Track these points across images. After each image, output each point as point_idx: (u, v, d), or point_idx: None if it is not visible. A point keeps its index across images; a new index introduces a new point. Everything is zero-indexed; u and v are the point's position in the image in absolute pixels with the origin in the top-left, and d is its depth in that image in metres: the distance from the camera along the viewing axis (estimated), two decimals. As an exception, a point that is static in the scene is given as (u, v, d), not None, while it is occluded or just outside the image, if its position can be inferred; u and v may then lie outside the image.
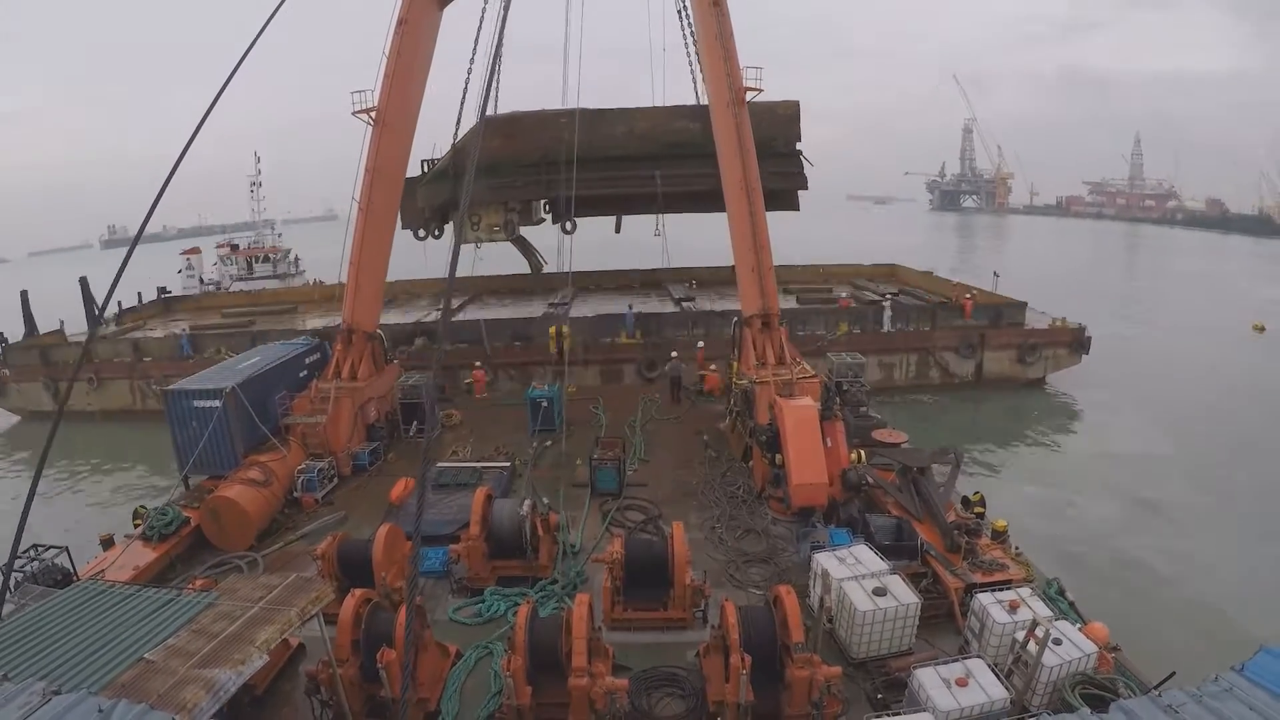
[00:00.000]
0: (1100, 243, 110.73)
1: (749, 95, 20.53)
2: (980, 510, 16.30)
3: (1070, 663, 10.55)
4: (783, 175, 31.11)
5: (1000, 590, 12.41)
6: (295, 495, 19.35)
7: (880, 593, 12.36)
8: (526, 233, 37.48)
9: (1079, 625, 11.81)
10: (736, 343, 22.39)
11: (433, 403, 23.63)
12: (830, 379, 21.43)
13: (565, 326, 30.28)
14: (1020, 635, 11.00)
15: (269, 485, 18.13)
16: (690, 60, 32.37)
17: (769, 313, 20.65)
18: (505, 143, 30.02)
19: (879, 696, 11.41)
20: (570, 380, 27.40)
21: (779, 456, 17.35)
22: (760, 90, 20.87)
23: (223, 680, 8.64)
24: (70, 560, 14.65)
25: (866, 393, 24.35)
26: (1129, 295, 62.16)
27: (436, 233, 32.88)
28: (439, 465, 20.74)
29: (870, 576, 12.81)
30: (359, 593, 11.64)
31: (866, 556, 13.46)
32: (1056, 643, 10.66)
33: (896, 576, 12.91)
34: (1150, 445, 27.90)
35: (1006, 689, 10.24)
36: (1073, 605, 13.04)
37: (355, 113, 21.32)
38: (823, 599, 12.49)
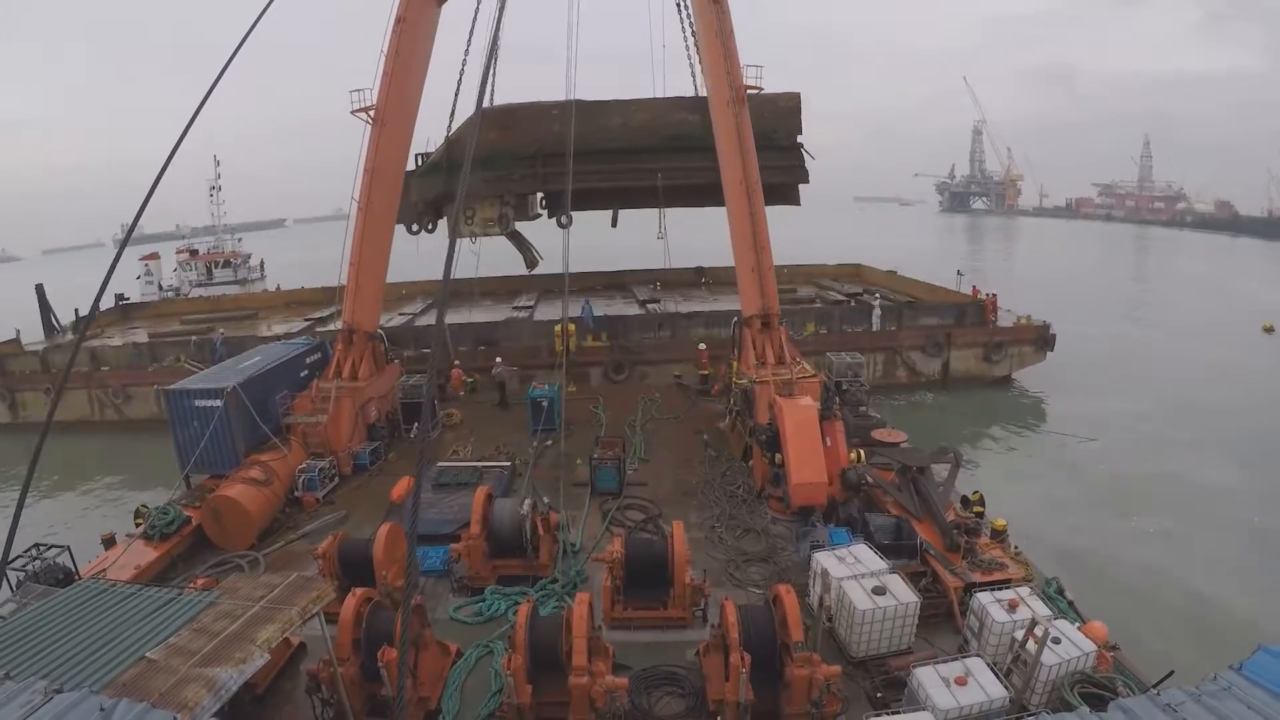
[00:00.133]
0: (1110, 245, 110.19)
1: (749, 74, 20.37)
2: (979, 510, 16.34)
3: (1069, 662, 10.56)
4: (783, 169, 30.53)
5: (999, 589, 12.44)
6: (296, 494, 19.39)
7: (880, 592, 12.38)
8: (523, 229, 37.17)
9: (1078, 624, 11.84)
10: (736, 342, 22.41)
11: (430, 404, 23.46)
12: (830, 379, 21.44)
13: (571, 325, 30.05)
14: (1019, 634, 11.01)
15: (270, 484, 18.17)
16: (690, 53, 31.48)
17: (769, 313, 20.66)
18: (500, 135, 29.52)
19: (878, 695, 11.43)
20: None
21: (779, 456, 17.39)
22: (760, 89, 20.84)
23: (224, 679, 8.66)
24: (72, 559, 14.69)
25: (866, 392, 24.37)
26: (1136, 298, 61.80)
27: (430, 227, 32.16)
28: (439, 465, 20.78)
29: (870, 576, 12.83)
30: (360, 592, 11.67)
31: (866, 556, 13.48)
32: (1055, 642, 10.67)
33: (896, 576, 12.93)
34: (1146, 445, 27.86)
35: (1006, 688, 10.26)
36: (1072, 604, 13.06)
37: (354, 111, 21.29)
38: (822, 598, 12.52)
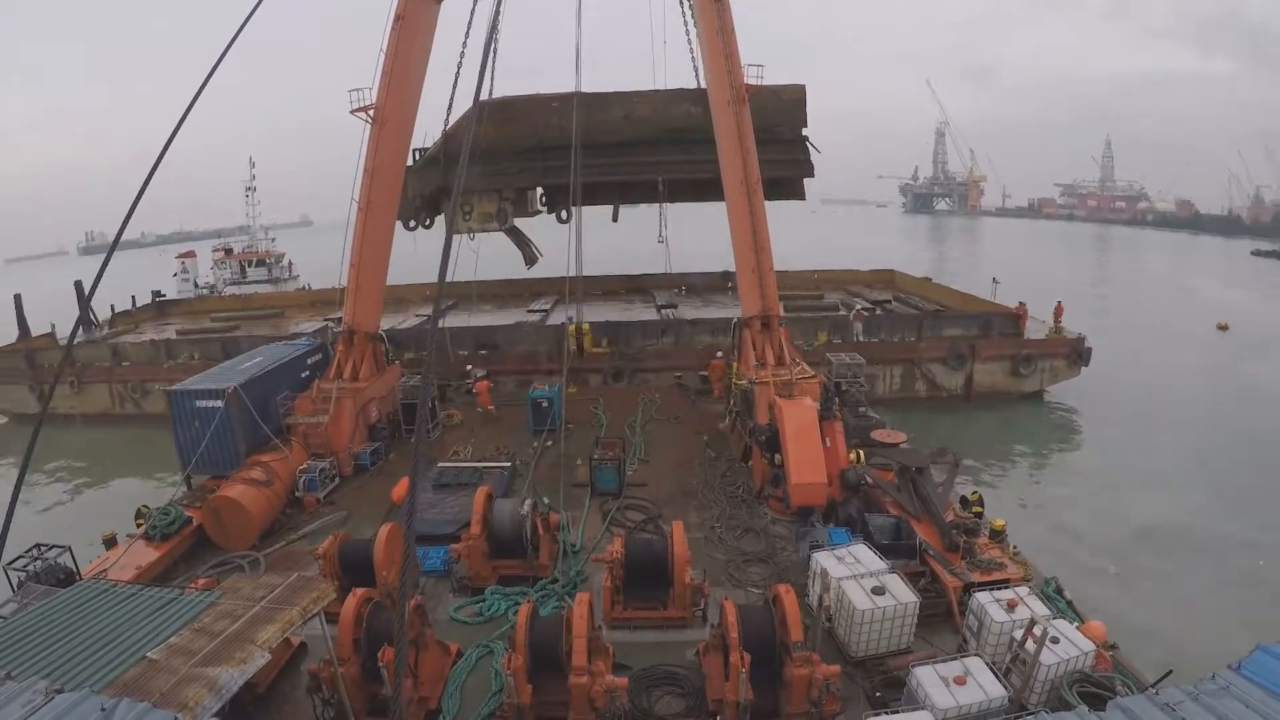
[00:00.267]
0: (1071, 244, 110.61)
1: (750, 72, 20.24)
2: (978, 510, 16.36)
3: (1068, 661, 10.59)
4: (788, 163, 29.97)
5: (998, 589, 12.46)
6: (297, 495, 19.42)
7: (879, 592, 12.40)
8: (525, 227, 36.81)
9: (1077, 624, 11.87)
10: (736, 344, 22.43)
11: (426, 406, 23.15)
12: (830, 379, 21.46)
13: (585, 325, 29.86)
14: (1018, 634, 11.02)
15: (271, 485, 18.19)
16: (691, 45, 30.82)
17: (769, 314, 20.68)
18: (499, 128, 28.76)
19: (878, 695, 11.45)
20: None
21: (778, 456, 17.42)
22: (762, 66, 20.53)
23: (225, 679, 8.69)
24: (73, 559, 14.71)
25: (866, 394, 24.38)
26: (1098, 298, 61.42)
27: (427, 223, 31.51)
28: (440, 465, 20.81)
29: (869, 575, 12.86)
30: (360, 592, 11.69)
31: (865, 556, 13.50)
32: (1054, 641, 10.68)
33: (895, 575, 12.96)
34: (1143, 446, 27.93)
35: (1005, 687, 10.28)
36: (1070, 604, 13.08)
37: (354, 111, 21.28)
38: (822, 598, 12.53)
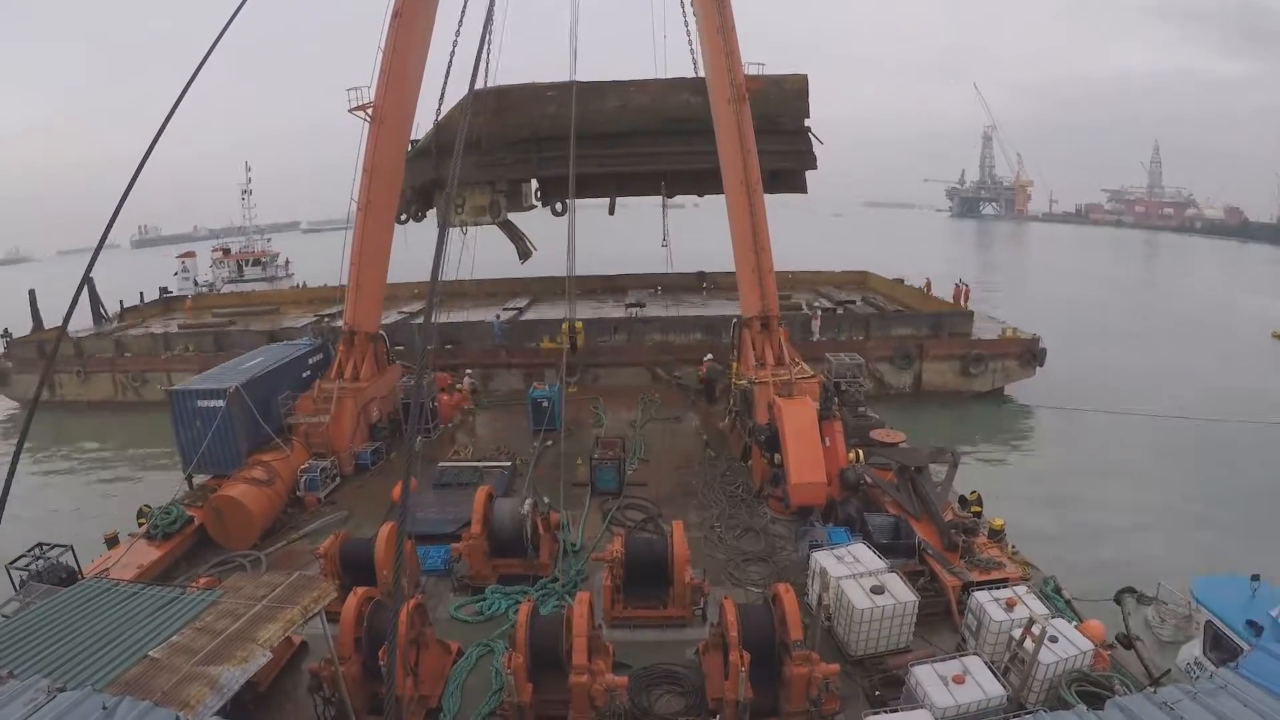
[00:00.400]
0: (1120, 251, 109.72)
1: (750, 70, 20.06)
2: (977, 509, 16.39)
3: (1066, 660, 10.61)
4: (790, 154, 29.89)
5: (997, 588, 12.50)
6: (298, 494, 19.45)
7: (878, 591, 12.43)
8: (514, 221, 36.49)
9: (1075, 623, 11.89)
10: (736, 343, 22.44)
11: (420, 406, 22.66)
12: (829, 379, 21.48)
13: (578, 322, 29.76)
14: (1017, 633, 11.06)
15: (272, 484, 18.23)
16: (690, 37, 29.99)
17: (768, 314, 20.68)
18: (493, 118, 28.45)
19: (877, 694, 11.48)
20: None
21: (778, 456, 17.45)
22: (762, 64, 20.45)
23: (226, 678, 8.72)
24: (75, 558, 14.74)
25: (865, 393, 24.39)
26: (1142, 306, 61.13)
27: (419, 215, 31.53)
28: (440, 464, 20.84)
29: (868, 575, 12.89)
30: (361, 591, 11.73)
31: (864, 555, 13.53)
32: (1053, 640, 10.71)
33: (894, 575, 12.99)
34: (1141, 447, 27.97)
35: (1003, 686, 10.32)
36: (1069, 603, 13.13)
37: (352, 110, 21.24)
38: (821, 597, 12.58)
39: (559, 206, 27.84)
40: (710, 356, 28.05)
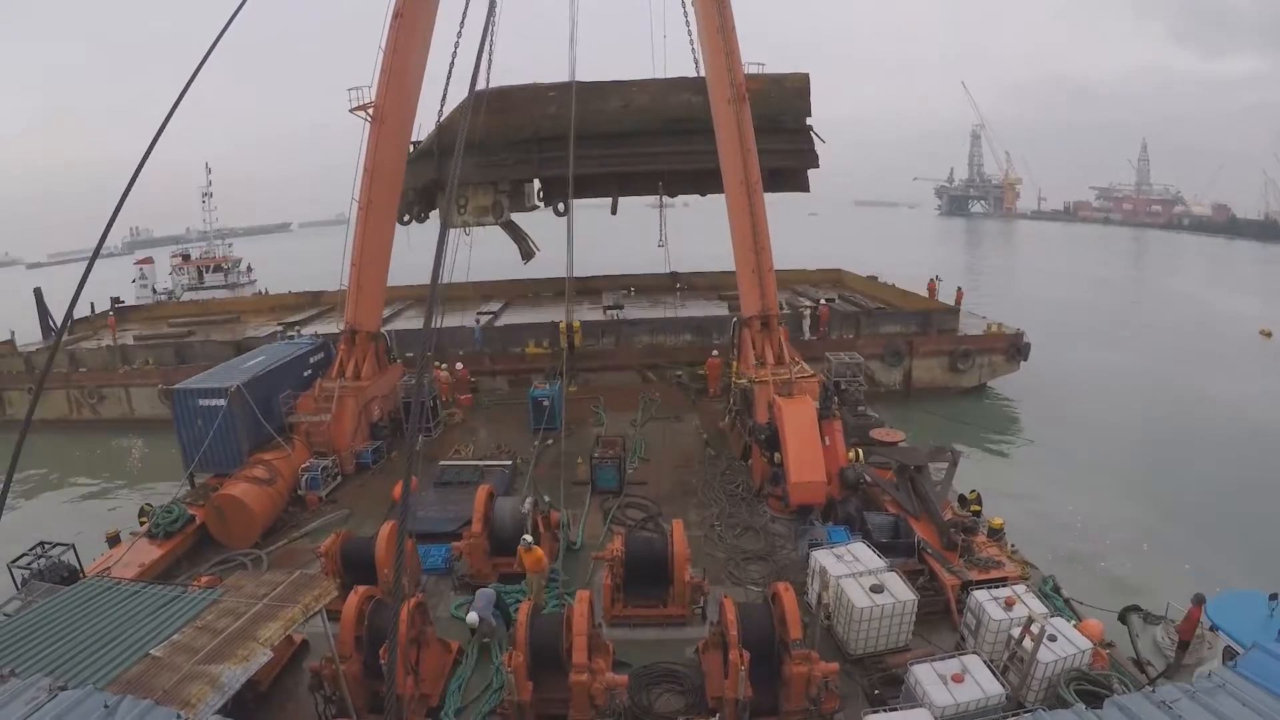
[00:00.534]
0: (1108, 248, 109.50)
1: (751, 70, 20.08)
2: (977, 508, 16.41)
3: (1065, 659, 10.64)
4: (791, 153, 29.75)
5: (996, 587, 12.53)
6: (299, 493, 19.48)
7: (877, 590, 12.45)
8: (517, 221, 36.34)
9: (1074, 622, 11.92)
10: (736, 343, 22.46)
11: (421, 406, 22.50)
12: (829, 378, 21.51)
13: (576, 322, 29.69)
14: (1016, 632, 11.08)
15: (273, 483, 18.27)
16: (691, 36, 29.10)
17: (768, 313, 20.70)
18: (494, 118, 27.85)
19: (876, 692, 11.51)
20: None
21: (778, 455, 17.48)
22: (762, 64, 20.41)
23: (227, 676, 8.75)
24: (76, 557, 14.80)
25: (865, 393, 24.43)
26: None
27: (421, 216, 31.17)
28: (441, 463, 20.89)
29: (868, 574, 12.91)
30: (362, 589, 11.78)
31: (864, 554, 13.56)
32: (1052, 639, 10.74)
33: (894, 574, 13.01)
34: (1137, 448, 28.01)
35: (1002, 685, 10.34)
36: (1068, 602, 13.15)
37: (353, 110, 21.26)
38: (821, 596, 12.60)
39: (561, 207, 27.67)
40: (716, 353, 28.12)
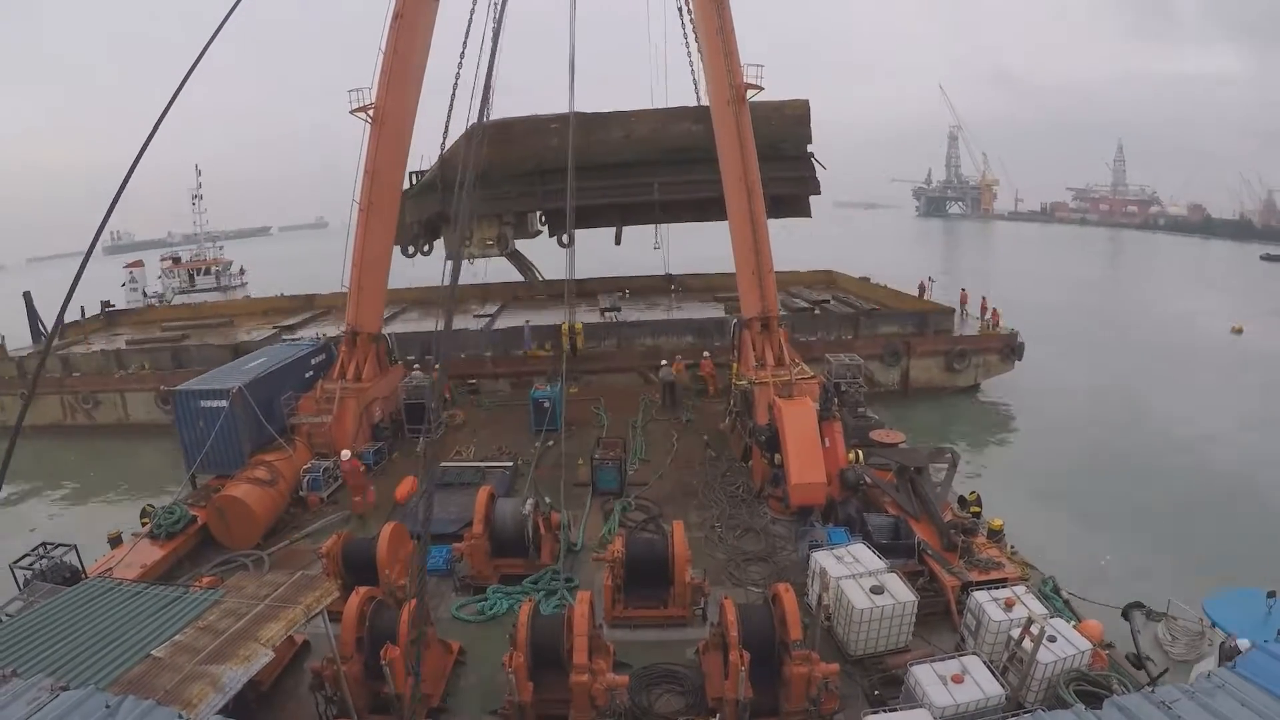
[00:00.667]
0: (1084, 250, 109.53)
1: (751, 94, 20.21)
2: (976, 510, 16.42)
3: (1065, 660, 10.64)
4: (793, 180, 30.07)
5: (996, 588, 12.53)
6: (301, 494, 19.51)
7: (878, 591, 12.46)
8: (523, 246, 36.24)
9: (1073, 622, 11.92)
10: (736, 344, 22.48)
11: (431, 409, 22.23)
12: (829, 380, 21.53)
13: (578, 324, 29.72)
14: (1016, 633, 11.09)
15: (275, 484, 18.30)
16: (690, 56, 30.62)
17: (768, 315, 20.72)
18: (497, 150, 28.32)
19: (876, 693, 11.52)
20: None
21: (778, 456, 17.49)
22: (761, 88, 20.60)
23: (229, 676, 8.75)
24: (78, 558, 14.83)
25: (864, 394, 24.43)
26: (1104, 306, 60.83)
27: (426, 249, 31.47)
28: (442, 464, 20.89)
29: (868, 575, 12.92)
30: (363, 590, 11.80)
31: (864, 555, 13.56)
32: (1051, 640, 10.74)
33: (894, 575, 13.01)
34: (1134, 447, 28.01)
35: (1002, 686, 10.35)
36: (1067, 603, 13.16)
37: (353, 111, 21.25)
38: (821, 597, 12.61)
39: (564, 239, 27.39)
40: (707, 354, 28.11)
